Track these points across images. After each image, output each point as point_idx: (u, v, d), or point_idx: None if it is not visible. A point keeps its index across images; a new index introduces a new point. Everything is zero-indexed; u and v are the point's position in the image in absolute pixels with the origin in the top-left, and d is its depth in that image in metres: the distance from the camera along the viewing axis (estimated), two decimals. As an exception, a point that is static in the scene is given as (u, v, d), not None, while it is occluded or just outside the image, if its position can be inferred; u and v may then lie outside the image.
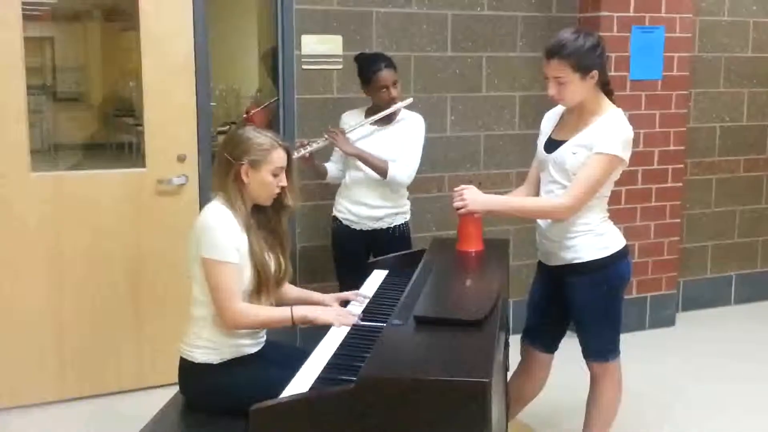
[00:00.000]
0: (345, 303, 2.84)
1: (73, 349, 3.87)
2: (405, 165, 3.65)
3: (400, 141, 3.70)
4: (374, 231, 3.75)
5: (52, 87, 5.34)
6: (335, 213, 3.84)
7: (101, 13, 5.18)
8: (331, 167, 3.83)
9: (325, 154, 3.86)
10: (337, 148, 3.75)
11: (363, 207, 3.73)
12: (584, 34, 2.81)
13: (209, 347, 2.59)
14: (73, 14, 5.20)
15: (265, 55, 4.88)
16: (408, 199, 3.85)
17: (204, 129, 4.00)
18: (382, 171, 3.62)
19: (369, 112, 3.74)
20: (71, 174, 4.00)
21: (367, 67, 3.67)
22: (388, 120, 3.71)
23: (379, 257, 3.31)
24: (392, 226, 3.76)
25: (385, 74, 3.62)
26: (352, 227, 3.78)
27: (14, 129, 3.67)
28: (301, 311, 2.61)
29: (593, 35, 2.85)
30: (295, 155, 3.53)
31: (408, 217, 3.84)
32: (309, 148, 3.61)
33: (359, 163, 3.67)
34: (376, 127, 3.71)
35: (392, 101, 3.65)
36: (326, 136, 3.66)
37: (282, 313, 2.60)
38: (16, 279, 3.74)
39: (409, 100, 3.74)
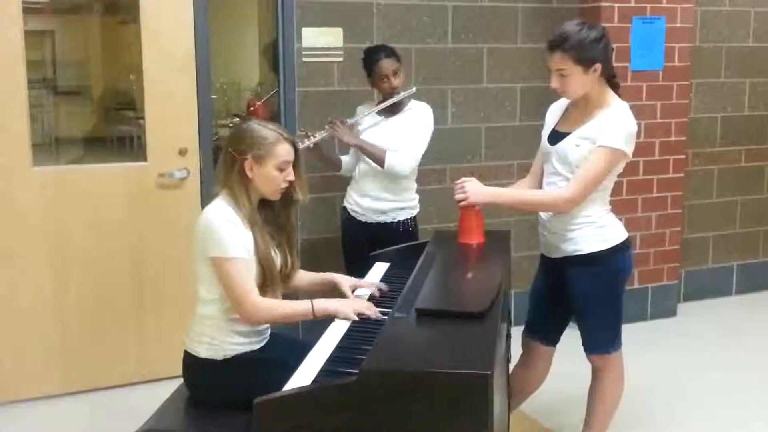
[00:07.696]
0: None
1: (77, 343, 3.88)
2: (406, 155, 3.61)
3: (404, 131, 3.67)
4: (378, 224, 3.74)
5: (53, 81, 5.34)
6: (345, 204, 3.84)
7: (102, 6, 5.18)
8: (346, 159, 3.81)
9: (341, 145, 3.83)
10: None
11: (368, 199, 3.72)
12: (588, 27, 2.78)
13: (213, 344, 2.58)
14: (73, 7, 5.20)
15: (266, 48, 4.88)
16: (416, 193, 3.82)
17: (205, 122, 4.01)
18: (380, 161, 3.59)
19: (379, 104, 3.74)
20: (73, 168, 4.02)
21: (369, 58, 3.66)
22: (395, 110, 3.69)
23: (380, 250, 3.28)
24: (396, 220, 3.73)
25: (385, 64, 3.60)
26: (358, 218, 3.77)
27: (16, 123, 3.68)
28: (322, 305, 2.54)
29: (597, 27, 2.82)
30: (299, 146, 3.53)
31: (415, 212, 3.80)
32: (313, 139, 3.60)
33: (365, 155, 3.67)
34: (382, 117, 3.70)
35: (394, 91, 3.63)
36: (327, 126, 3.65)
37: (303, 307, 2.54)
38: (18, 273, 3.75)
39: (412, 90, 3.71)
